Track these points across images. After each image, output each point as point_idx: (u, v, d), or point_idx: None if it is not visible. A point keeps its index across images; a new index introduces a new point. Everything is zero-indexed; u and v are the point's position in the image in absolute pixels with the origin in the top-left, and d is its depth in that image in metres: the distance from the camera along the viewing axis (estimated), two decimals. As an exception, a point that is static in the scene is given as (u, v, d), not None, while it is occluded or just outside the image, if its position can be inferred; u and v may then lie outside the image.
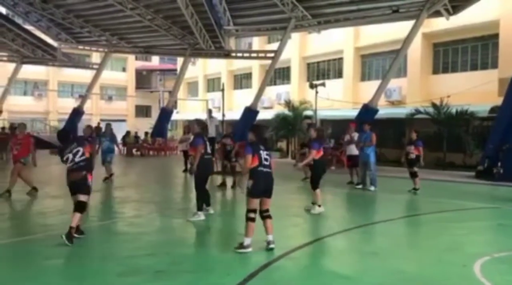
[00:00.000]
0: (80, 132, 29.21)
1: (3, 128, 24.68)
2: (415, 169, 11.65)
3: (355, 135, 13.43)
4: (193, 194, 8.52)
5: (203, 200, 8.17)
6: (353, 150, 13.31)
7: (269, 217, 6.00)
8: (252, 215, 5.87)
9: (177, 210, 9.37)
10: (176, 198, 11.67)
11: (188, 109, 39.33)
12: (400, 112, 21.07)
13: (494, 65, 19.56)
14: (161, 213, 8.96)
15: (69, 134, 6.87)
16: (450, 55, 22.16)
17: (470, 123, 18.79)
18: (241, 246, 5.86)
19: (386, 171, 15.87)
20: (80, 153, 6.40)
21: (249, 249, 5.81)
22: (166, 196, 11.48)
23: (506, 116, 14.66)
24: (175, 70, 38.72)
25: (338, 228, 7.64)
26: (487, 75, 19.17)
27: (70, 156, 6.39)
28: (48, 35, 28.43)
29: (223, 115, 22.57)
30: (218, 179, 13.07)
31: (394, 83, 21.93)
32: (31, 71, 35.62)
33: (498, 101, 16.20)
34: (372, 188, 12.01)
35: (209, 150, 8.24)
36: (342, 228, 7.60)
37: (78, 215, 6.25)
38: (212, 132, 16.88)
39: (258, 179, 5.86)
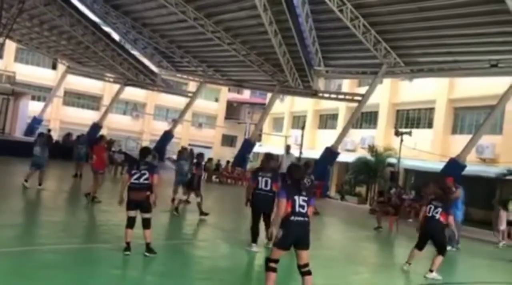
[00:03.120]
0: (168, 154, 30.99)
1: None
2: None
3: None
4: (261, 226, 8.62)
5: (252, 233, 8.13)
6: None
7: (309, 273, 5.17)
8: (273, 265, 5.15)
9: (242, 239, 9.53)
10: (245, 228, 11.85)
11: (272, 143, 39.96)
12: (491, 170, 19.82)
13: None
14: (227, 240, 9.19)
15: (149, 153, 7.27)
16: (554, 116, 20.60)
17: None
18: None
19: (471, 232, 14.83)
20: (145, 176, 6.73)
21: None
22: (235, 224, 11.73)
23: None
24: (264, 104, 39.78)
25: (404, 282, 7.34)
26: None
27: (138, 174, 6.73)
28: (151, 62, 30.82)
29: (300, 153, 22.71)
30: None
31: (487, 139, 20.77)
32: (132, 93, 38.48)
33: None
34: (454, 248, 11.26)
35: (263, 186, 7.95)
36: (402, 282, 7.29)
37: (149, 231, 6.68)
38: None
39: (289, 230, 5.11)
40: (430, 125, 26.51)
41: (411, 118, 28.35)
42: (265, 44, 22.53)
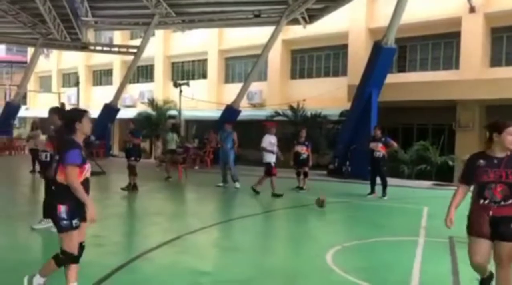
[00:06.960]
0: None
1: None
2: (306, 169, 11.81)
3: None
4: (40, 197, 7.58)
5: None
6: None
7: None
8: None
9: (21, 213, 8.35)
10: (21, 200, 10.44)
11: (40, 106, 35.95)
12: (261, 114, 21.82)
13: (344, 73, 21.28)
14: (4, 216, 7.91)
15: None
16: (306, 62, 23.61)
17: (323, 125, 20.20)
18: None
19: (249, 170, 16.13)
20: None
21: None
22: (10, 198, 10.19)
23: (353, 120, 15.98)
24: (25, 62, 35.13)
25: (199, 225, 7.49)
26: (338, 81, 20.75)
27: None
28: None
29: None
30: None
31: (255, 86, 22.65)
32: None
33: (347, 106, 17.62)
34: (238, 184, 12.01)
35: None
36: (202, 225, 7.45)
37: None
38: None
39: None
40: (204, 76, 27.50)
41: (186, 70, 28.91)
42: (19, -10, 19.58)
